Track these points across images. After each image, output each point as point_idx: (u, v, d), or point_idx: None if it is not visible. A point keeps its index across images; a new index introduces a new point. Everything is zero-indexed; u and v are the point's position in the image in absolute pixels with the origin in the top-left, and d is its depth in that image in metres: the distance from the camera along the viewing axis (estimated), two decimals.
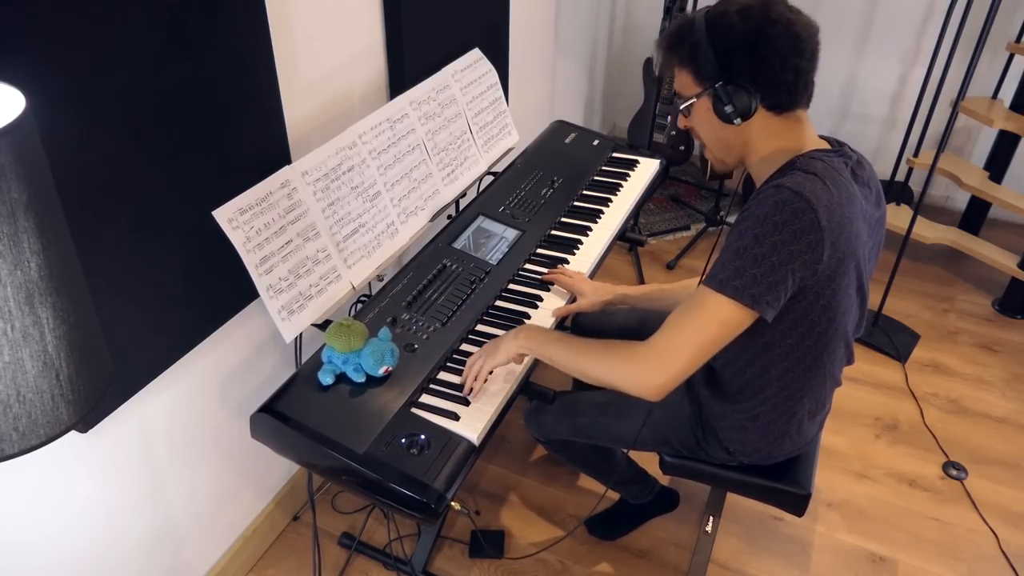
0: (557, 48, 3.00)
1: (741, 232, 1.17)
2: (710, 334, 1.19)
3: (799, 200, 1.13)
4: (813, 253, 1.14)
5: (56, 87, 1.04)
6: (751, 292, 1.15)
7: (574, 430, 1.64)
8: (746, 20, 1.17)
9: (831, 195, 1.15)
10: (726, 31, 1.18)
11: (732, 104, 1.20)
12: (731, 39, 1.18)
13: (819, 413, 1.46)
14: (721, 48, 1.19)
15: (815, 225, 1.13)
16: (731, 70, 1.19)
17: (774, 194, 1.15)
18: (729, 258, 1.17)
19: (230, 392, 1.65)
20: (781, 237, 1.13)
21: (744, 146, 1.28)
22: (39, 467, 1.25)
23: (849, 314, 1.30)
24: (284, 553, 1.93)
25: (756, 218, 1.15)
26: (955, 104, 2.43)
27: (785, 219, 1.13)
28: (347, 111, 1.76)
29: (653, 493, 1.94)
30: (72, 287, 0.71)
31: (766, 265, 1.14)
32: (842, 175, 1.20)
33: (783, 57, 1.17)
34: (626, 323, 1.79)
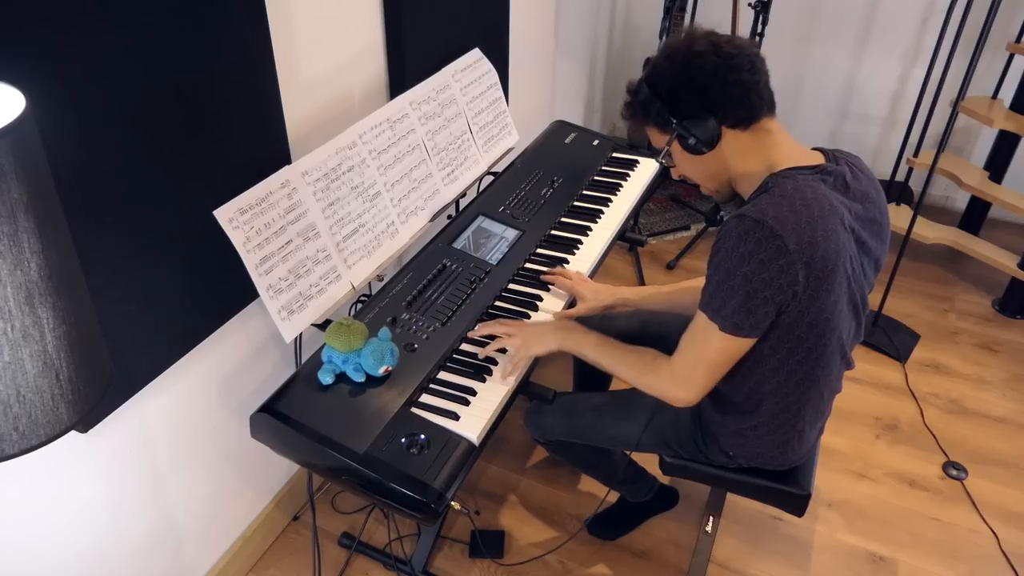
0: (557, 48, 3.00)
1: (715, 266, 1.22)
2: (714, 359, 1.28)
3: (761, 229, 1.15)
4: (787, 277, 1.16)
5: (56, 87, 1.04)
6: (732, 322, 1.22)
7: (573, 431, 1.64)
8: (672, 60, 1.26)
9: (800, 215, 1.16)
10: (661, 77, 1.27)
11: (694, 136, 1.26)
12: (668, 82, 1.26)
13: (819, 421, 1.47)
14: (664, 94, 1.26)
15: (782, 251, 1.14)
16: (681, 108, 1.26)
17: (736, 225, 1.18)
18: (714, 288, 1.22)
19: (230, 392, 1.65)
20: (750, 268, 1.16)
21: (726, 170, 1.32)
22: (39, 467, 1.25)
23: (842, 328, 1.29)
24: (284, 553, 1.93)
25: (725, 252, 1.19)
26: (955, 104, 2.43)
27: (750, 250, 1.16)
28: (347, 111, 1.76)
29: (653, 492, 1.94)
30: (72, 287, 0.71)
31: (740, 295, 1.18)
32: (817, 190, 1.20)
33: (721, 77, 1.22)
34: (627, 327, 1.78)
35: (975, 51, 2.25)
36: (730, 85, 1.22)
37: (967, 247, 2.80)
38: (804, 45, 3.31)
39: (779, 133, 1.28)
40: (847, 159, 1.31)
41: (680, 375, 1.31)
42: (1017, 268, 2.67)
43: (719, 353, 1.26)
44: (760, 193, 1.23)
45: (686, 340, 1.31)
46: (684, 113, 1.25)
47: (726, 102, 1.23)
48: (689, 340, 1.30)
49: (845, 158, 1.31)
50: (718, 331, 1.23)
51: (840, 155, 1.31)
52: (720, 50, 1.21)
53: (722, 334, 1.23)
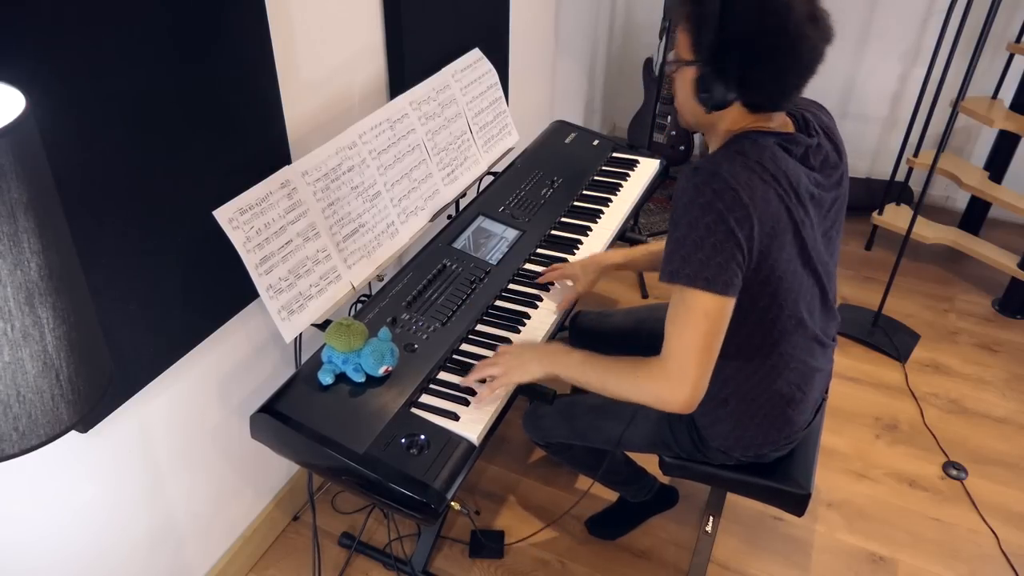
0: (557, 48, 3.00)
1: (675, 222, 1.18)
2: (701, 327, 1.18)
3: (716, 179, 1.13)
4: (744, 228, 1.14)
5: (56, 87, 1.04)
6: (704, 276, 1.15)
7: (572, 433, 1.64)
8: (763, 17, 1.12)
9: (751, 172, 1.15)
10: (737, 17, 1.13)
11: (710, 93, 1.19)
12: (737, 28, 1.13)
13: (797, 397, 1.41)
14: (725, 34, 1.14)
15: (737, 201, 1.13)
16: (724, 59, 1.16)
17: (691, 177, 1.16)
18: (673, 249, 1.17)
19: (230, 392, 1.65)
20: (711, 217, 1.13)
21: (711, 124, 1.28)
22: (39, 467, 1.25)
23: (798, 291, 1.27)
24: (284, 553, 1.93)
25: (683, 205, 1.16)
26: (955, 104, 2.43)
27: (708, 199, 1.13)
28: (347, 111, 1.76)
29: (652, 491, 1.94)
30: (72, 287, 0.71)
31: (707, 247, 1.14)
32: (773, 157, 1.19)
33: (776, 69, 1.16)
34: (623, 324, 1.79)
35: (975, 51, 2.25)
36: (778, 81, 1.17)
37: (967, 247, 2.80)
38: None
39: (777, 119, 1.26)
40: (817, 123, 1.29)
41: (673, 368, 1.21)
42: (1017, 268, 2.67)
43: (704, 318, 1.17)
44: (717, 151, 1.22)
45: (668, 322, 1.23)
46: (721, 66, 1.16)
47: (760, 90, 1.18)
48: (670, 320, 1.22)
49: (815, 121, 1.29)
50: (692, 291, 1.16)
51: (811, 118, 1.29)
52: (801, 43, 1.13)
53: (698, 293, 1.15)
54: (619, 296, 2.86)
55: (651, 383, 1.24)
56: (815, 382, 1.45)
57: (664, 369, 1.23)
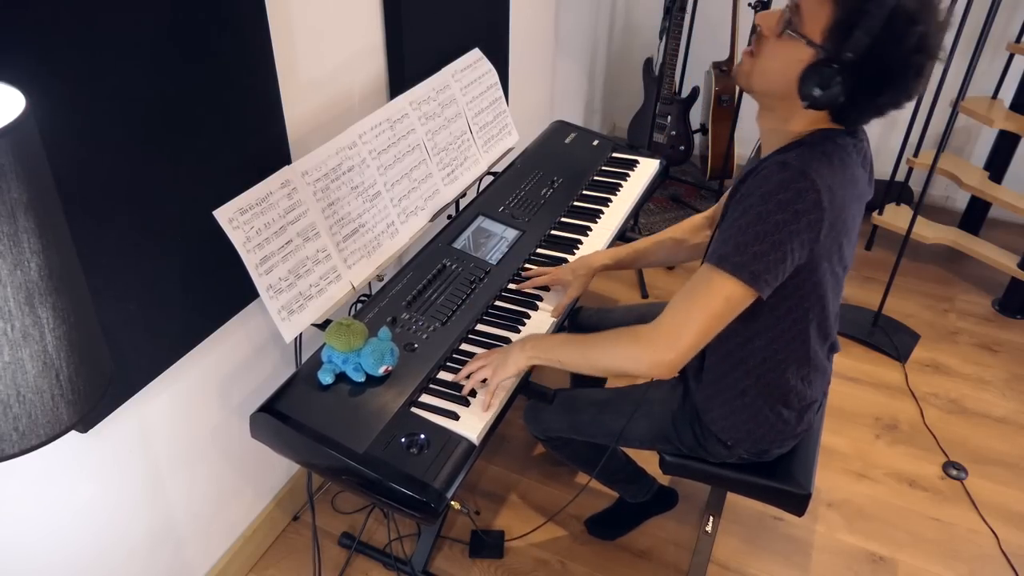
0: (557, 48, 3.00)
1: (744, 209, 1.15)
2: (714, 309, 1.17)
3: (803, 179, 1.11)
4: (812, 232, 1.13)
5: (56, 87, 1.04)
6: (751, 269, 1.14)
7: (573, 428, 1.64)
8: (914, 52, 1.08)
9: (834, 178, 1.14)
10: (894, 38, 1.07)
11: (821, 90, 1.11)
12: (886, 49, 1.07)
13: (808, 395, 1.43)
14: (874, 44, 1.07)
15: (817, 205, 1.12)
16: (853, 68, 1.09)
17: (779, 171, 1.13)
18: (731, 234, 1.15)
19: (230, 392, 1.65)
20: (784, 216, 1.11)
21: (781, 105, 1.20)
22: (39, 467, 1.25)
23: (833, 292, 1.29)
24: (284, 553, 1.93)
25: (760, 196, 1.13)
26: (955, 104, 2.43)
27: (789, 198, 1.11)
28: (347, 111, 1.76)
29: (651, 492, 1.94)
30: (72, 287, 0.71)
31: (767, 243, 1.13)
32: (850, 157, 1.19)
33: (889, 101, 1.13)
34: (624, 321, 1.79)
35: (975, 51, 2.25)
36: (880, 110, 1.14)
37: (967, 247, 2.80)
38: None
39: None
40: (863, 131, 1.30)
41: (665, 332, 1.20)
42: (1017, 268, 2.67)
43: (723, 302, 1.16)
44: (798, 146, 1.18)
45: (679, 295, 1.21)
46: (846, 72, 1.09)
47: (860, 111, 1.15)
48: (685, 292, 1.20)
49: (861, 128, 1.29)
50: (728, 277, 1.14)
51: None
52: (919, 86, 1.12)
53: (733, 280, 1.14)
54: (619, 296, 2.86)
55: (636, 345, 1.24)
56: (825, 382, 1.47)
57: (655, 332, 1.22)
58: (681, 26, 2.95)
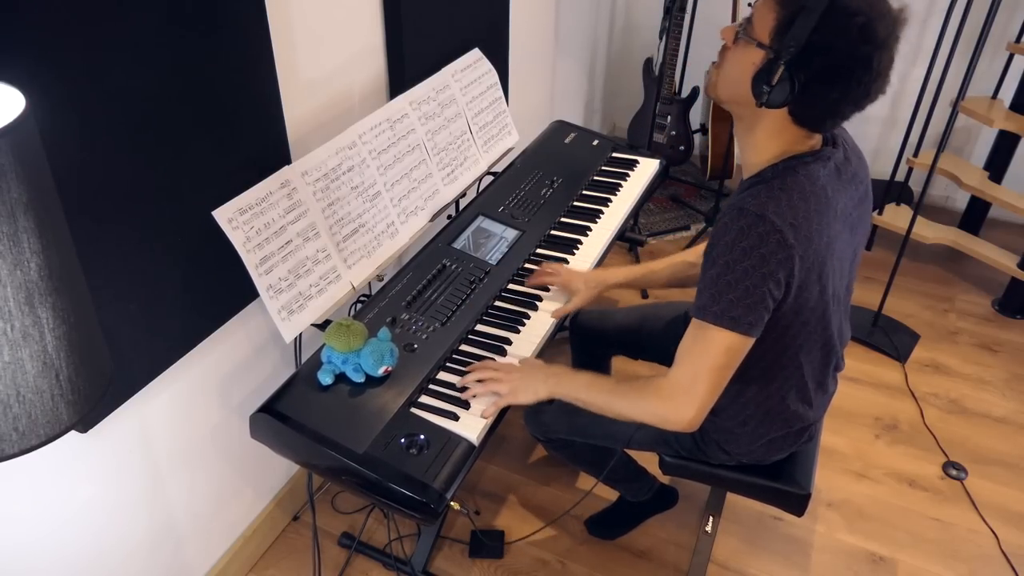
0: (557, 48, 3.00)
1: (713, 260, 1.18)
2: (717, 363, 1.21)
3: (762, 223, 1.13)
4: (784, 270, 1.15)
5: (56, 87, 1.04)
6: (730, 316, 1.17)
7: (574, 429, 1.64)
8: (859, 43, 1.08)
9: (797, 210, 1.15)
10: (835, 31, 1.08)
11: (770, 89, 1.13)
12: (830, 42, 1.09)
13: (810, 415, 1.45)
14: (815, 39, 1.08)
15: (782, 244, 1.13)
16: (800, 65, 1.10)
17: (738, 219, 1.15)
18: (705, 286, 1.19)
19: (230, 392, 1.65)
20: (751, 262, 1.14)
21: (747, 115, 1.22)
22: (39, 467, 1.25)
23: (827, 316, 1.29)
24: (284, 553, 1.93)
25: (724, 245, 1.16)
26: (955, 104, 2.43)
27: (752, 244, 1.14)
28: (347, 111, 1.76)
29: (652, 491, 1.94)
30: (72, 287, 0.71)
31: (740, 289, 1.15)
32: (817, 183, 1.19)
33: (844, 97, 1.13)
34: (625, 321, 1.79)
35: (975, 51, 2.25)
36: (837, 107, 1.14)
37: (967, 247, 2.80)
38: None
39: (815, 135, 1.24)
40: (841, 137, 1.29)
41: (680, 388, 1.24)
42: (1017, 268, 2.67)
43: (723, 354, 1.20)
44: (758, 183, 1.20)
45: (682, 350, 1.25)
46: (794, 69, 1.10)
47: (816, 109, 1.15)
48: (685, 348, 1.25)
49: (840, 135, 1.29)
50: (716, 329, 1.18)
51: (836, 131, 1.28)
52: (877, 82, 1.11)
53: (719, 330, 1.18)
54: (619, 296, 2.86)
55: (658, 402, 1.26)
56: (827, 400, 1.49)
57: (672, 389, 1.25)
58: (681, 26, 2.95)
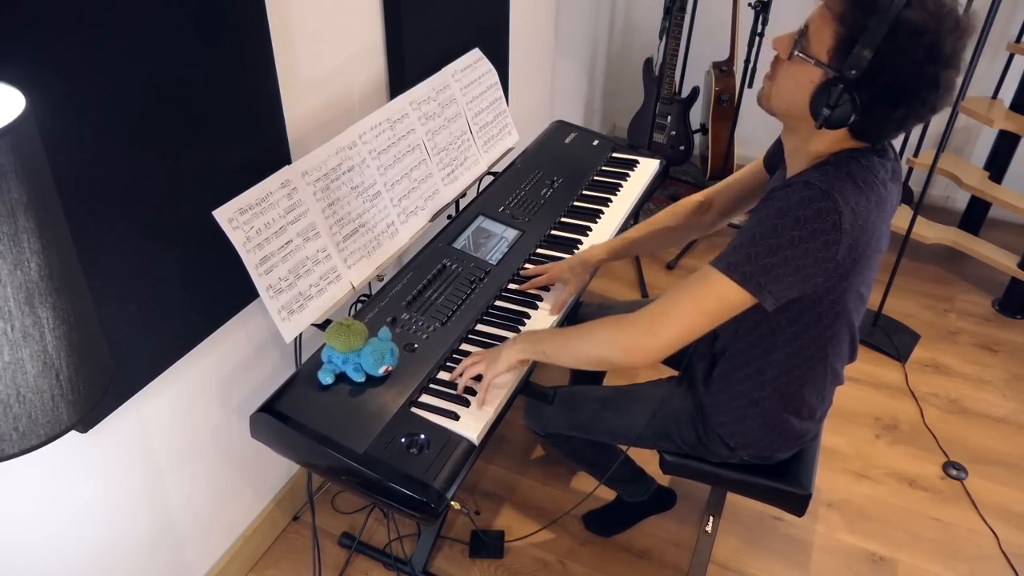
0: (557, 48, 3.00)
1: (760, 219, 1.14)
2: (705, 307, 1.17)
3: (826, 199, 1.10)
4: (827, 252, 1.12)
5: (56, 87, 1.04)
6: (758, 280, 1.13)
7: (574, 425, 1.64)
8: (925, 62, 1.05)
9: (858, 199, 1.13)
10: (900, 50, 1.05)
11: (832, 109, 1.10)
12: (894, 61, 1.05)
13: (819, 408, 1.45)
14: (880, 59, 1.05)
15: (836, 226, 1.10)
16: (864, 85, 1.08)
17: (802, 189, 1.12)
18: (743, 242, 1.15)
19: (230, 392, 1.65)
20: (800, 233, 1.11)
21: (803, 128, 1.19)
22: (39, 467, 1.25)
23: (857, 310, 1.30)
24: (284, 553, 1.93)
25: (779, 209, 1.12)
26: (955, 104, 2.43)
27: (808, 216, 1.10)
28: (347, 111, 1.76)
29: (649, 492, 1.94)
30: (72, 287, 0.71)
31: (779, 257, 1.12)
32: (877, 176, 1.17)
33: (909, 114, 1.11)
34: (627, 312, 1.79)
35: (975, 51, 2.25)
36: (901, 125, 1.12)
37: (967, 247, 2.80)
38: None
39: None
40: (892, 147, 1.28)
41: (649, 320, 1.19)
42: (1017, 268, 2.67)
43: (716, 302, 1.15)
44: (822, 166, 1.16)
45: (673, 289, 1.21)
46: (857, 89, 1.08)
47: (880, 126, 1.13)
48: (679, 287, 1.20)
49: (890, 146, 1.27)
50: (730, 282, 1.14)
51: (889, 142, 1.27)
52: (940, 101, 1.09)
53: (734, 286, 1.14)
54: (619, 296, 2.87)
55: (615, 330, 1.23)
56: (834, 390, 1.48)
57: (638, 319, 1.21)
58: (681, 26, 2.95)
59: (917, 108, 1.10)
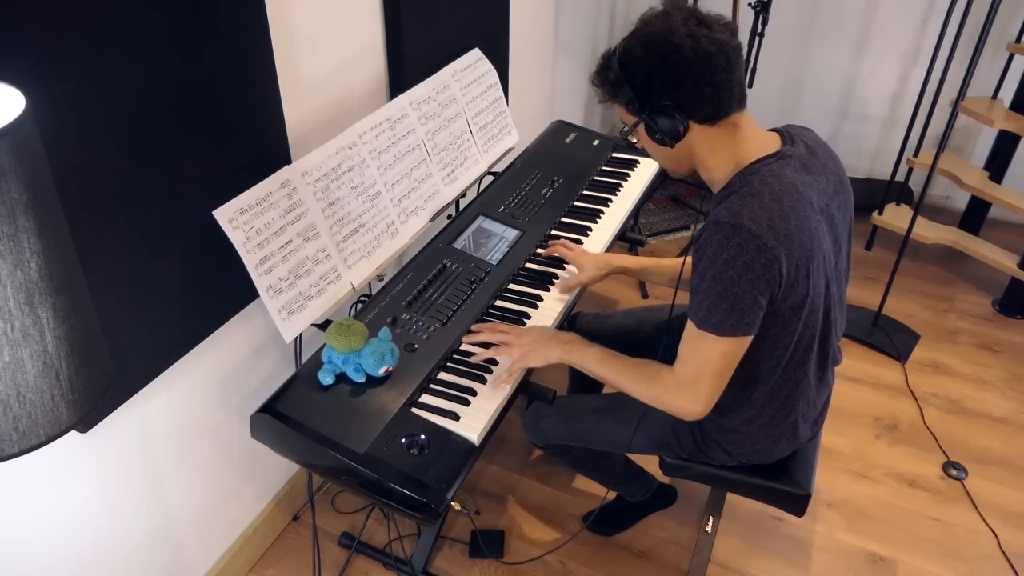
0: (557, 48, 2.99)
1: (700, 274, 1.22)
2: (717, 365, 1.26)
3: (739, 233, 1.16)
4: (771, 272, 1.17)
5: (56, 87, 1.04)
6: (728, 324, 1.21)
7: (573, 435, 1.64)
8: (649, 51, 1.21)
9: (772, 211, 1.17)
10: (635, 65, 1.23)
11: (660, 130, 1.25)
12: (641, 72, 1.23)
13: (812, 413, 1.47)
14: (636, 83, 1.24)
15: (762, 249, 1.16)
16: (651, 100, 1.24)
17: (715, 232, 1.19)
18: (699, 298, 1.23)
19: (230, 392, 1.65)
20: (735, 271, 1.17)
21: (689, 158, 1.32)
22: (39, 467, 1.25)
23: (820, 309, 1.31)
24: (284, 553, 1.93)
25: (708, 259, 1.20)
26: (955, 104, 2.43)
27: (732, 255, 1.17)
28: (347, 111, 1.76)
29: (651, 491, 1.94)
30: (72, 287, 0.71)
31: (730, 298, 1.19)
32: (783, 180, 1.22)
33: (695, 77, 1.20)
34: (622, 325, 1.79)
35: (975, 51, 2.25)
36: (702, 85, 1.20)
37: (967, 247, 2.80)
38: (804, 45, 3.31)
39: (746, 126, 1.28)
40: (800, 136, 1.32)
41: (685, 385, 1.29)
42: (1017, 268, 2.67)
43: (721, 357, 1.25)
44: (729, 195, 1.24)
45: (684, 349, 1.29)
46: (654, 105, 1.24)
47: (697, 100, 1.22)
48: (687, 349, 1.29)
49: (799, 135, 1.32)
50: (713, 337, 1.23)
51: (793, 131, 1.32)
52: (699, 46, 1.18)
53: (718, 338, 1.22)
54: (619, 296, 2.86)
55: (667, 394, 1.32)
56: (827, 394, 1.50)
57: (679, 384, 1.30)
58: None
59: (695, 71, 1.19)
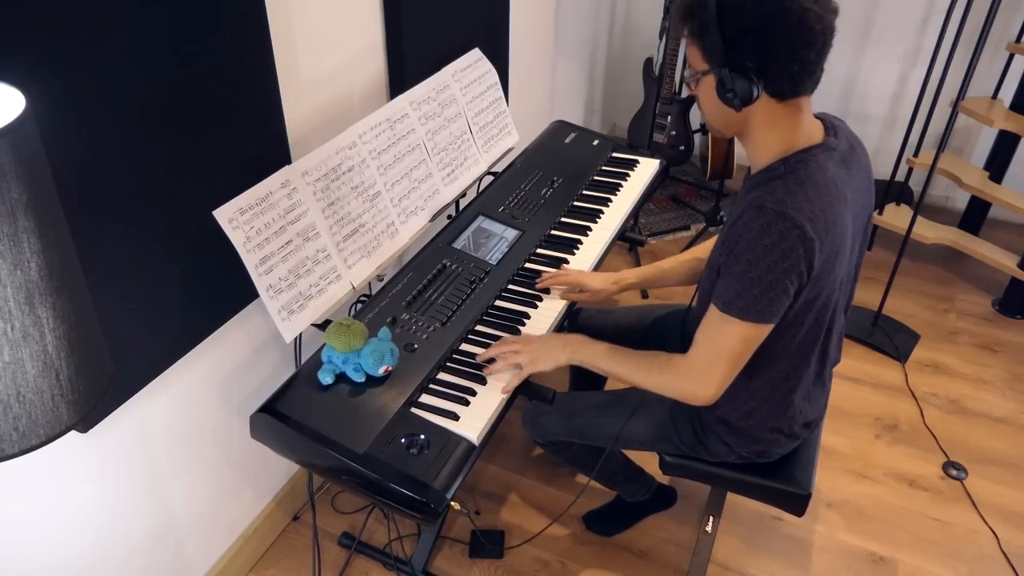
0: (557, 48, 2.99)
1: (735, 257, 1.21)
2: (735, 350, 1.26)
3: (783, 220, 1.16)
4: (806, 262, 1.18)
5: (56, 87, 1.04)
6: (754, 310, 1.21)
7: (572, 431, 1.64)
8: (758, 4, 1.14)
9: (814, 204, 1.18)
10: (735, 14, 1.15)
11: (734, 91, 1.19)
12: (740, 23, 1.15)
13: (810, 412, 1.47)
14: (729, 32, 1.16)
15: (802, 238, 1.16)
16: (737, 55, 1.17)
17: (757, 217, 1.18)
18: (730, 281, 1.22)
19: (230, 392, 1.65)
20: (772, 258, 1.17)
21: (742, 125, 1.27)
22: (39, 467, 1.25)
23: (838, 305, 1.32)
24: (284, 553, 1.93)
25: (746, 243, 1.19)
26: (955, 104, 2.43)
27: (773, 241, 1.16)
28: (347, 111, 1.76)
29: (651, 491, 1.94)
30: (72, 287, 0.71)
31: (763, 284, 1.19)
32: (827, 174, 1.22)
33: (791, 49, 1.15)
34: (624, 320, 1.80)
35: (975, 51, 2.25)
36: (793, 60, 1.16)
37: (967, 247, 2.80)
38: None
39: (807, 111, 1.26)
40: (841, 128, 1.32)
41: (699, 370, 1.29)
42: (1017, 268, 2.67)
43: (741, 343, 1.25)
44: (771, 179, 1.22)
45: (701, 335, 1.29)
46: (737, 62, 1.17)
47: (781, 73, 1.17)
48: (705, 335, 1.29)
49: (840, 127, 1.32)
50: (738, 321, 1.22)
51: (837, 123, 1.32)
52: (806, 18, 1.12)
53: (743, 323, 1.22)
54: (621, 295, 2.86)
55: (679, 380, 1.33)
56: (825, 396, 1.51)
57: (691, 369, 1.31)
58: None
59: (792, 39, 1.14)
